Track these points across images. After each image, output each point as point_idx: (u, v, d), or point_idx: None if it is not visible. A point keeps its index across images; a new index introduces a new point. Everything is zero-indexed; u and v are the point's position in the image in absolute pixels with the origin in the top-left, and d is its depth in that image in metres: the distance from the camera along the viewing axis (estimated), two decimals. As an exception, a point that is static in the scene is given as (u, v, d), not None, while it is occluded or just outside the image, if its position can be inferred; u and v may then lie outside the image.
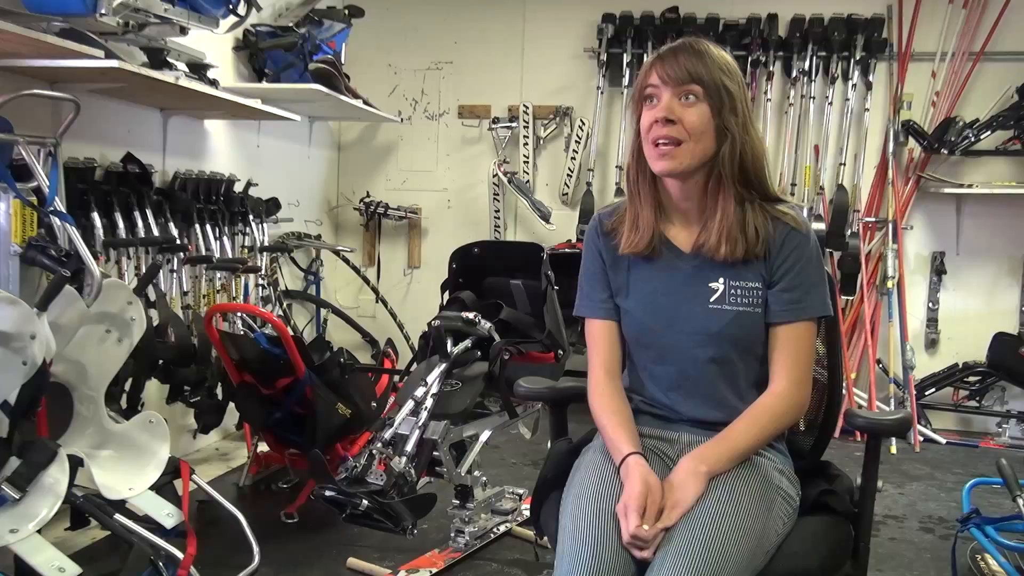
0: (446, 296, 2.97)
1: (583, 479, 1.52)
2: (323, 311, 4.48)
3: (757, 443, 1.51)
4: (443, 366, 2.57)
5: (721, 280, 1.55)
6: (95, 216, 2.78)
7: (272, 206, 3.95)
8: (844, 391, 1.76)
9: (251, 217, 3.71)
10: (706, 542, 1.34)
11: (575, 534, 1.40)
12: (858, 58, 4.41)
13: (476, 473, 2.65)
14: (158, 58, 2.80)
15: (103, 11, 2.37)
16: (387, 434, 2.46)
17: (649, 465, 1.50)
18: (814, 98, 4.48)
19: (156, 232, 3.02)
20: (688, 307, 1.56)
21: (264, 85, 3.76)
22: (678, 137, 1.49)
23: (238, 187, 3.66)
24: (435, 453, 2.50)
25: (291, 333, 2.89)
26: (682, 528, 1.38)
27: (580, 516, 1.43)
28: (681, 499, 1.41)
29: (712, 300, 1.55)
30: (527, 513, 2.84)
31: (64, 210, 2.25)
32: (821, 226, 4.37)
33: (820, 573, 1.48)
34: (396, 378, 3.25)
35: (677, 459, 1.51)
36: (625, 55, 4.58)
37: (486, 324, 2.65)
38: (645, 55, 4.54)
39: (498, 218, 4.79)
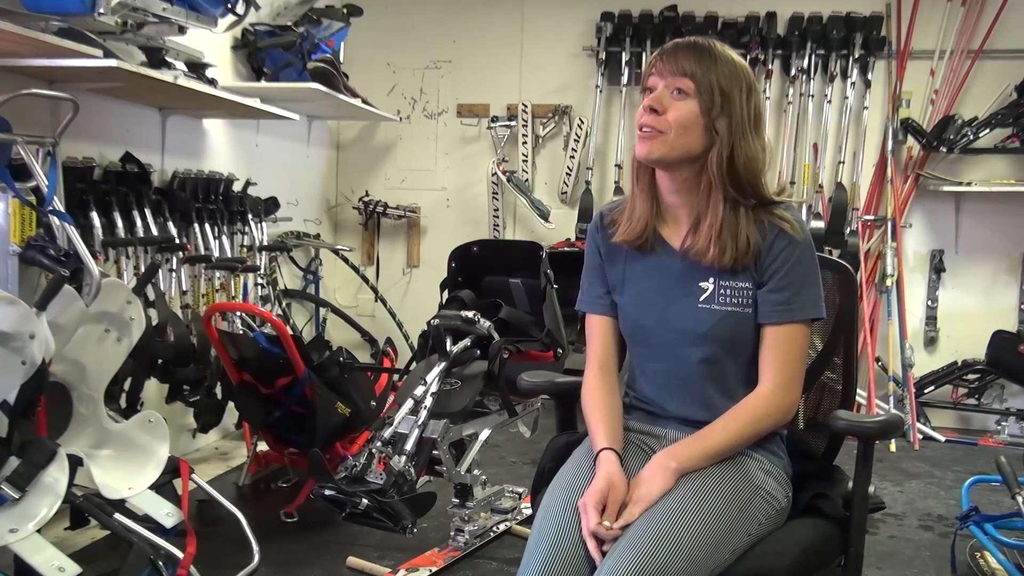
0: (445, 295, 2.98)
1: (562, 473, 1.54)
2: (322, 310, 4.48)
3: (734, 443, 1.50)
4: (442, 365, 2.57)
5: (711, 280, 1.54)
6: (94, 215, 2.77)
7: (271, 205, 3.95)
8: (855, 395, 1.74)
9: (250, 216, 3.70)
10: (658, 535, 1.34)
11: (540, 526, 1.42)
12: (857, 56, 4.41)
13: (476, 472, 2.65)
14: (156, 57, 2.80)
15: (101, 10, 2.37)
16: (386, 433, 2.46)
17: (633, 460, 1.52)
18: (813, 96, 4.48)
19: (155, 231, 3.02)
20: (678, 306, 1.56)
21: (263, 84, 3.75)
22: (659, 128, 1.49)
23: (237, 186, 3.66)
24: (435, 452, 2.50)
25: (290, 332, 2.89)
26: (639, 522, 1.38)
27: (549, 508, 1.44)
28: (645, 494, 1.42)
29: (702, 300, 1.54)
30: (527, 512, 2.84)
31: (63, 209, 2.25)
32: (820, 224, 4.37)
33: (788, 574, 1.44)
34: (395, 377, 3.25)
35: None
36: (624, 54, 4.58)
37: (485, 323, 2.66)
38: (644, 54, 4.54)
39: (497, 217, 4.79)
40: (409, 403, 2.50)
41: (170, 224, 3.15)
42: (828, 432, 1.73)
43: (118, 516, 2.06)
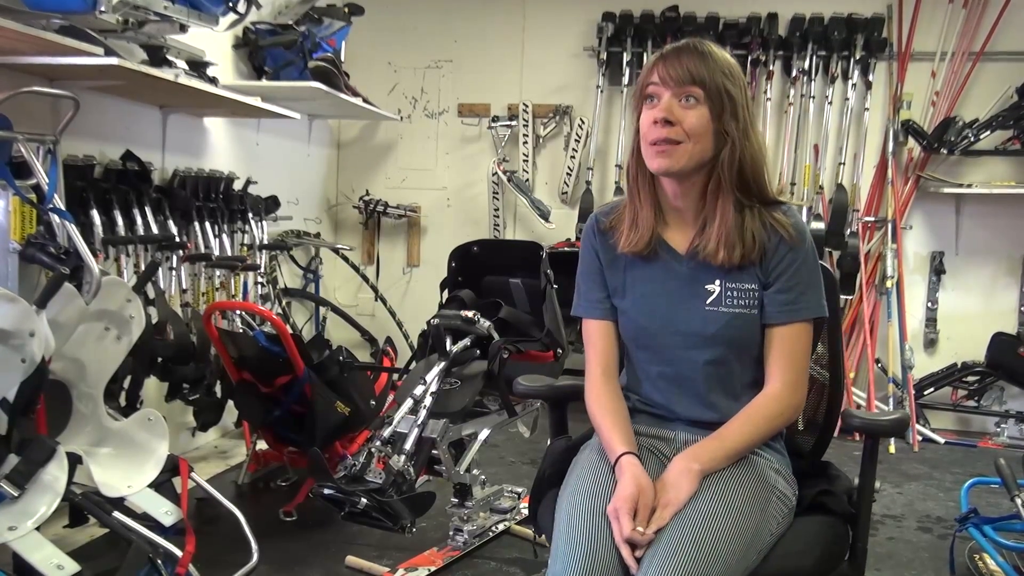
0: (445, 294, 2.97)
1: (579, 478, 1.52)
2: (322, 309, 4.48)
3: (751, 443, 1.51)
4: (442, 364, 2.57)
5: (717, 282, 1.55)
6: (94, 214, 2.77)
7: (271, 204, 3.95)
8: (843, 391, 1.76)
9: (250, 215, 3.70)
10: (696, 540, 1.34)
11: (569, 534, 1.40)
12: (858, 57, 4.41)
13: (475, 471, 2.65)
14: (157, 56, 2.80)
15: (103, 8, 2.37)
16: (386, 432, 2.46)
17: (645, 463, 1.51)
18: (814, 97, 4.48)
19: (155, 230, 3.02)
20: (684, 309, 1.56)
21: (264, 83, 3.76)
22: (676, 139, 1.48)
23: (237, 185, 3.66)
24: (434, 451, 2.50)
25: (290, 331, 2.89)
26: (673, 526, 1.38)
27: (574, 516, 1.43)
28: (673, 498, 1.41)
29: (708, 302, 1.55)
30: (526, 511, 2.84)
31: (63, 207, 2.25)
32: (820, 225, 4.37)
33: (813, 573, 1.47)
34: (395, 376, 3.25)
35: (673, 457, 1.51)
36: (625, 54, 4.58)
37: (485, 323, 2.65)
38: (645, 54, 4.54)
39: (497, 217, 4.79)
40: (409, 402, 2.50)
41: (170, 222, 3.14)
42: (816, 430, 1.75)
43: (117, 514, 2.05)
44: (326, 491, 2.33)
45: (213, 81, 3.08)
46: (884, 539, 2.96)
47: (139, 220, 2.96)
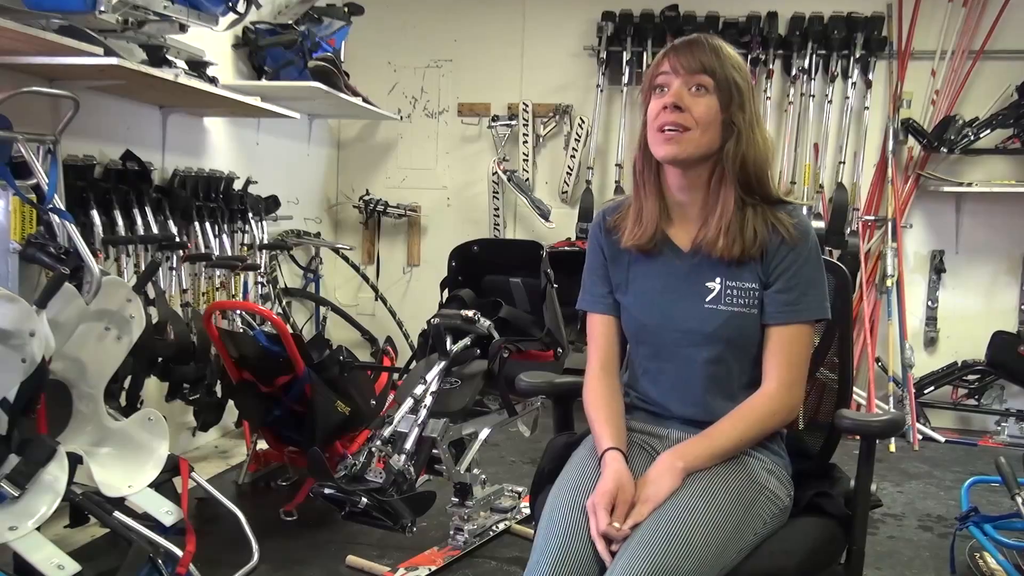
0: (445, 294, 2.98)
1: (566, 473, 1.54)
2: (322, 309, 4.48)
3: (740, 442, 1.50)
4: (442, 364, 2.57)
5: (718, 280, 1.55)
6: (94, 213, 2.77)
7: (271, 204, 3.95)
8: (851, 394, 1.76)
9: (250, 215, 3.70)
10: (670, 534, 1.34)
11: (548, 526, 1.42)
12: (858, 56, 4.41)
13: (475, 471, 2.65)
14: (157, 55, 2.80)
15: (102, 8, 2.37)
16: (386, 432, 2.46)
17: (637, 460, 1.52)
18: (814, 96, 4.48)
19: (155, 230, 3.02)
20: (684, 306, 1.56)
21: (263, 83, 3.76)
22: (685, 124, 1.49)
23: (237, 185, 3.65)
24: (434, 451, 2.51)
25: (290, 331, 2.89)
26: (649, 521, 1.38)
27: (555, 509, 1.44)
28: (653, 494, 1.42)
29: (708, 300, 1.55)
30: (526, 511, 2.84)
31: (63, 207, 2.25)
32: (820, 224, 4.37)
33: (797, 573, 1.46)
34: (395, 376, 3.25)
35: None
36: (625, 53, 4.58)
37: (485, 322, 2.66)
38: (645, 53, 4.54)
39: (497, 216, 4.79)
40: (409, 402, 2.50)
41: (170, 222, 3.14)
42: (825, 431, 1.74)
43: (117, 514, 2.06)
44: (326, 491, 2.34)
45: (213, 81, 3.08)
46: (884, 538, 2.96)
47: (139, 220, 2.96)
